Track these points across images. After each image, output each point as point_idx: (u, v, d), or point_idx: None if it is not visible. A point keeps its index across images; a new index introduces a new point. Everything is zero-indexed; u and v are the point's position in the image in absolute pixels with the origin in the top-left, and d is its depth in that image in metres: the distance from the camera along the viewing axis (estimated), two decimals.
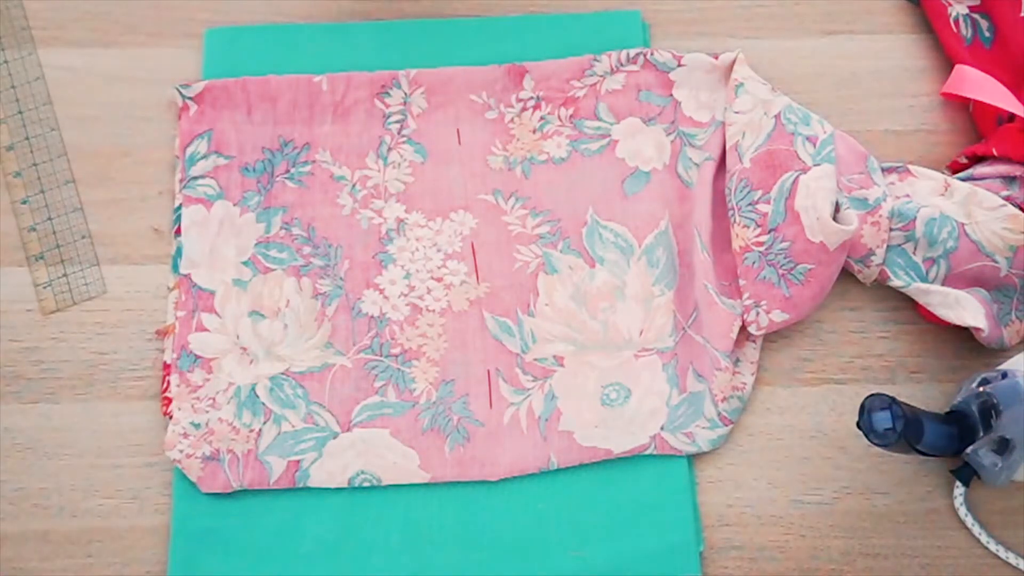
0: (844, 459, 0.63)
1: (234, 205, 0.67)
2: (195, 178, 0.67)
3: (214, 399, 0.62)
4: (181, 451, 0.61)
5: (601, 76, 0.69)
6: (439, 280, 0.66)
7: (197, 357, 0.63)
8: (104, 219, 0.67)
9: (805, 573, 0.61)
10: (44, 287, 0.65)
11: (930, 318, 0.64)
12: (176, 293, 0.65)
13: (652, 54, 0.69)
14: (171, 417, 0.62)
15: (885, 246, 0.63)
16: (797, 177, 0.63)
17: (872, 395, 0.54)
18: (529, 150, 0.68)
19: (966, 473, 0.60)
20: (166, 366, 0.63)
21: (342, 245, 0.66)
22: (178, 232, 0.66)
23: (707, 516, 0.62)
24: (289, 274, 0.65)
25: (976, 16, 0.71)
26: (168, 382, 0.63)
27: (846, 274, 0.65)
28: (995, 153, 0.65)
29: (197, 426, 0.62)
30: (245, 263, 0.65)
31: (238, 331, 0.64)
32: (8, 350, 0.64)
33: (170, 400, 0.62)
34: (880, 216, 0.63)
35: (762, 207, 0.64)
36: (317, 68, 0.69)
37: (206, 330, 0.64)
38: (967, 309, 0.62)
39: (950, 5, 0.71)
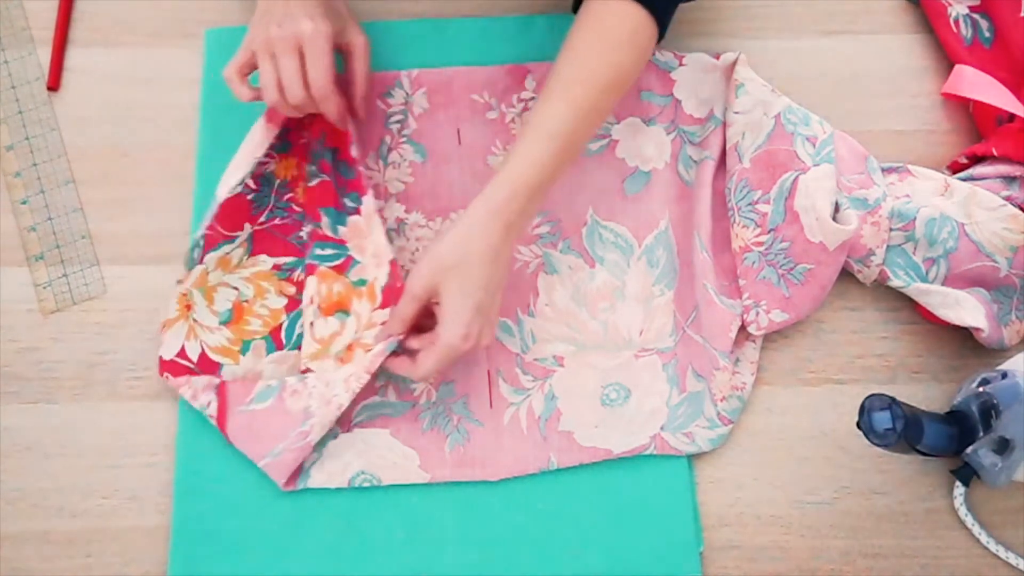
0: (844, 459, 0.63)
1: None
2: None
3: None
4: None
5: None
6: None
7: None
8: (104, 219, 0.67)
9: (805, 573, 0.61)
10: (44, 287, 0.65)
11: (930, 318, 0.64)
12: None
13: (653, 54, 0.69)
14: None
15: (885, 246, 0.63)
16: (797, 177, 0.63)
17: (872, 395, 0.55)
18: None
19: (966, 473, 0.60)
20: (163, 363, 0.63)
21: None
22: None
23: (707, 516, 0.62)
24: None
25: (976, 16, 0.71)
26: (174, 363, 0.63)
27: (846, 274, 0.65)
28: (995, 153, 0.65)
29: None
30: None
31: None
32: (8, 350, 0.64)
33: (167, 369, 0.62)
34: (880, 216, 0.63)
35: (762, 207, 0.64)
36: None
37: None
38: (967, 309, 0.62)
39: (950, 5, 0.71)
